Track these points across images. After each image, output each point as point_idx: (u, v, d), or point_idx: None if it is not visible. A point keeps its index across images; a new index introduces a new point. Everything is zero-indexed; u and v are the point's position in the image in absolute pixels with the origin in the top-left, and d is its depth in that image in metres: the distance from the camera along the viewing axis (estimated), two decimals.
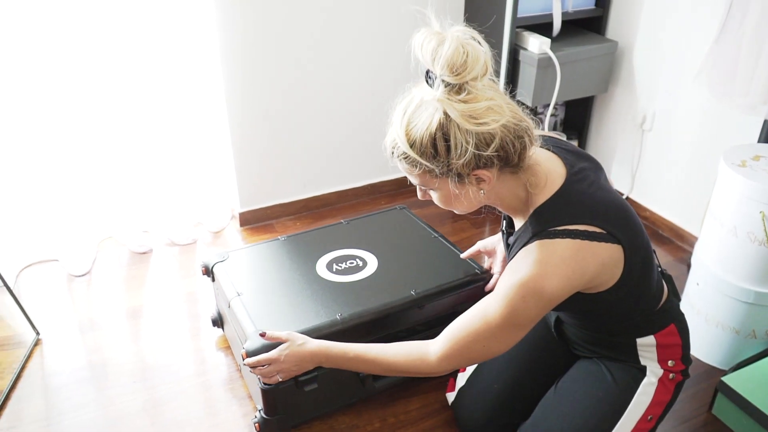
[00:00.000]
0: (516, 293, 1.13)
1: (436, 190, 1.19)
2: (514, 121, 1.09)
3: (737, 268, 1.74)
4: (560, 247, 1.12)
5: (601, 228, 1.13)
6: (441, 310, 1.70)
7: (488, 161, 1.09)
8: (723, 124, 2.17)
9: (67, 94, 2.05)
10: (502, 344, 1.21)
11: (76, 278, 2.23)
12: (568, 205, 1.16)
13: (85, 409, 1.71)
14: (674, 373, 1.37)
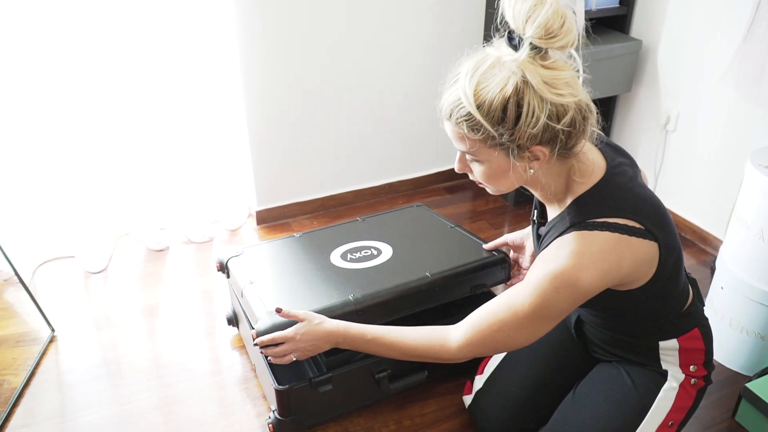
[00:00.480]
0: (549, 284, 1.09)
1: (483, 162, 1.13)
2: (586, 101, 1.07)
3: (763, 272, 1.69)
4: (599, 239, 1.09)
5: (639, 223, 1.10)
6: (457, 292, 1.66)
7: (552, 137, 1.05)
8: (749, 125, 2.12)
9: (87, 91, 2.05)
10: (527, 336, 1.17)
11: (92, 275, 2.23)
12: (609, 198, 1.13)
13: (100, 406, 1.71)
14: (696, 379, 1.33)
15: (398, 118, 2.60)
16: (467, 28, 2.54)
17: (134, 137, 2.19)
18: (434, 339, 1.26)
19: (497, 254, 1.72)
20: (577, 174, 1.14)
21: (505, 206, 2.71)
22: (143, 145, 2.22)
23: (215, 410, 1.70)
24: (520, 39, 1.02)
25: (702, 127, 2.30)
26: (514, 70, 1.01)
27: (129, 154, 2.22)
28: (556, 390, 1.47)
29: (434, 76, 2.21)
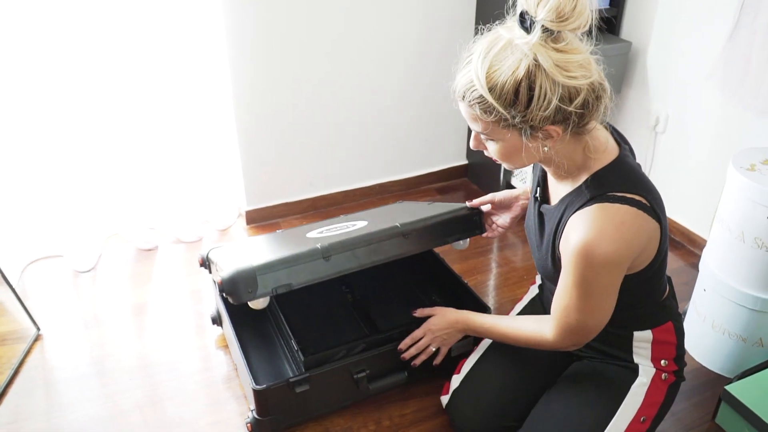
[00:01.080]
0: (580, 259, 1.13)
1: (498, 141, 1.16)
2: (599, 81, 1.08)
3: (744, 275, 1.69)
4: (621, 211, 1.11)
5: (649, 203, 1.14)
6: (430, 242, 1.65)
7: (565, 117, 1.08)
8: (737, 127, 2.11)
9: (76, 91, 2.06)
10: (596, 316, 1.21)
11: (81, 274, 2.25)
12: (626, 175, 1.17)
13: (85, 404, 1.72)
14: (667, 373, 1.36)
15: (388, 119, 2.61)
16: (456, 33, 2.54)
17: (124, 136, 2.20)
18: (536, 332, 1.34)
19: (467, 205, 1.71)
20: (592, 150, 1.17)
21: None
22: (133, 144, 2.23)
23: (199, 408, 1.72)
24: (532, 21, 1.03)
25: (691, 128, 2.29)
26: (526, 53, 1.03)
27: (119, 153, 2.23)
28: (532, 388, 1.48)
29: (424, 77, 2.23)
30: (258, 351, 1.80)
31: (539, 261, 1.37)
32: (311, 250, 1.49)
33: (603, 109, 1.12)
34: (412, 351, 1.60)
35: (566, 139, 1.13)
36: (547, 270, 1.33)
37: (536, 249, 1.38)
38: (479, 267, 2.33)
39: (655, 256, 1.21)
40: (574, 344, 1.29)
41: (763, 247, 1.63)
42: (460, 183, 2.91)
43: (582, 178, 1.19)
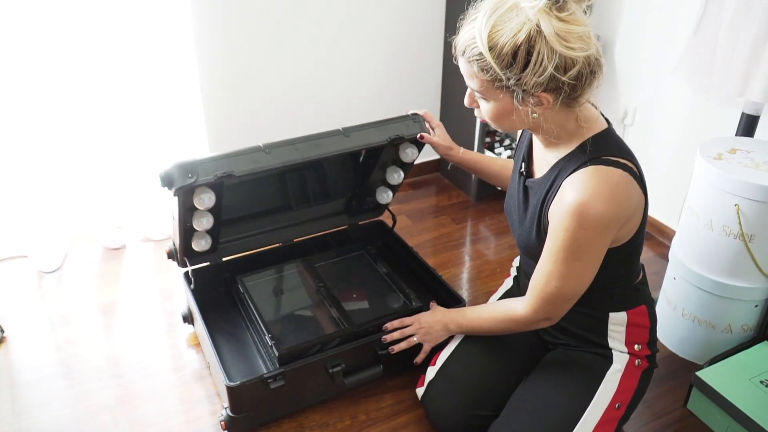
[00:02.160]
0: (573, 218, 1.14)
1: (490, 102, 1.19)
2: (596, 56, 1.11)
3: (713, 263, 1.72)
4: (615, 174, 1.15)
5: (639, 173, 1.20)
6: (372, 138, 1.64)
7: (558, 87, 1.10)
8: (704, 118, 2.15)
9: (38, 87, 2.01)
10: (574, 284, 1.23)
11: (46, 275, 2.19)
12: (619, 143, 1.22)
13: (53, 405, 1.68)
14: (640, 359, 1.38)
15: (361, 114, 2.60)
16: (428, 28, 2.55)
17: (89, 133, 2.16)
18: (506, 310, 1.38)
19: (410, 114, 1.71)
20: (583, 120, 1.20)
21: (468, 201, 2.71)
22: (99, 140, 2.18)
23: (171, 408, 1.68)
24: None
25: (658, 120, 2.33)
26: (530, 18, 1.05)
27: (84, 150, 2.18)
28: (507, 378, 1.48)
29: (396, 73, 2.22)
30: (230, 348, 1.77)
31: (521, 237, 1.37)
32: (253, 146, 1.50)
33: (596, 85, 1.14)
34: (395, 335, 1.61)
35: (556, 108, 1.16)
36: (530, 244, 1.33)
37: (518, 225, 1.38)
38: (452, 260, 2.33)
39: (638, 230, 1.25)
40: (548, 317, 1.31)
41: (731, 234, 1.65)
42: (433, 178, 2.91)
43: (573, 145, 1.22)
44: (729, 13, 1.74)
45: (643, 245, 1.33)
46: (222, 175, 1.43)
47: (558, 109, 1.17)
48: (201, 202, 1.52)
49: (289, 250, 2.01)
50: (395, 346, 1.61)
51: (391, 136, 1.65)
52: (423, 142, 1.68)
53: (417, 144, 1.74)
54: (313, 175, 1.95)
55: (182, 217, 1.60)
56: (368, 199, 2.01)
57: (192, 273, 1.84)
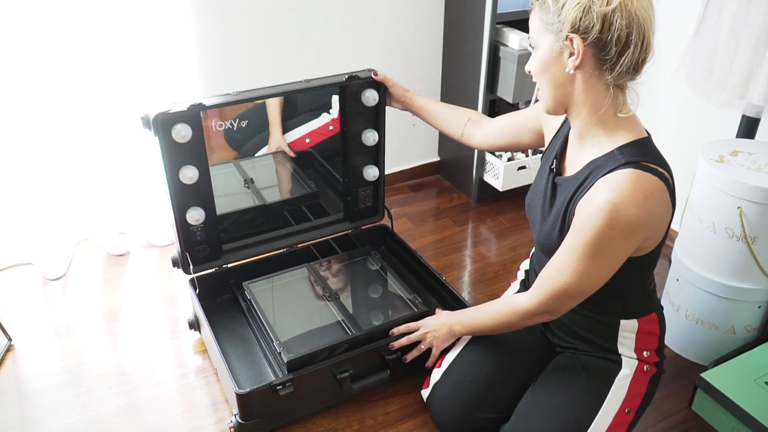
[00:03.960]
0: (603, 217, 1.13)
1: (537, 49, 1.20)
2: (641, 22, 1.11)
3: (716, 264, 1.73)
4: (652, 182, 1.14)
5: (672, 181, 1.21)
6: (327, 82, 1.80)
7: (589, 29, 1.10)
8: (703, 120, 2.16)
9: (41, 94, 2.01)
10: (585, 282, 1.22)
11: (51, 282, 2.19)
12: (658, 153, 1.22)
13: (61, 414, 1.69)
14: (649, 365, 1.39)
15: None
16: (425, 27, 2.56)
17: (92, 140, 2.16)
18: (508, 303, 1.39)
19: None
20: (621, 109, 1.19)
21: (469, 203, 2.72)
22: (101, 148, 2.19)
23: (178, 415, 1.69)
24: None
25: (659, 122, 2.34)
26: None
27: (87, 157, 2.18)
28: (513, 380, 1.49)
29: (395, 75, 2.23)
30: (237, 354, 1.78)
31: (542, 234, 1.37)
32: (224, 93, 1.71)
33: (631, 58, 1.13)
34: (403, 341, 1.62)
35: (595, 81, 1.16)
36: (551, 241, 1.33)
37: (539, 222, 1.38)
38: (455, 263, 2.34)
39: (660, 242, 1.25)
40: (549, 310, 1.31)
41: (734, 236, 1.67)
42: (433, 180, 2.92)
43: (612, 145, 1.20)
44: (729, 17, 1.75)
45: (659, 258, 1.32)
46: (194, 104, 1.61)
47: (592, 78, 1.16)
48: (178, 134, 1.62)
49: (294, 255, 2.02)
50: (408, 355, 1.63)
51: (349, 80, 1.79)
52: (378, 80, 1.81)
53: (377, 89, 1.85)
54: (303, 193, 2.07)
55: (168, 167, 1.68)
56: (361, 191, 2.04)
57: (197, 279, 1.85)
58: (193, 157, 1.70)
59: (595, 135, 1.24)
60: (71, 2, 1.92)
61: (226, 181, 1.94)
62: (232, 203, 1.96)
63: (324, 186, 2.10)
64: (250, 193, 2.00)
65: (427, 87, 2.71)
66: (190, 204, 1.75)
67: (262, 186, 2.04)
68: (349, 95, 1.86)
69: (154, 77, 2.12)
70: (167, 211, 1.77)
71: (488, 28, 2.33)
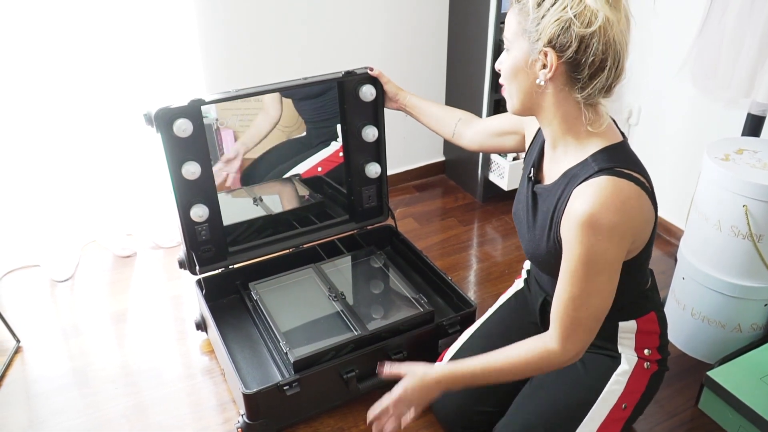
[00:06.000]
0: (586, 229, 1.11)
1: (510, 51, 1.17)
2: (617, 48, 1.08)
3: (722, 263, 1.73)
4: (627, 187, 1.12)
5: (651, 189, 1.18)
6: (325, 79, 1.84)
7: (565, 47, 1.07)
8: (709, 118, 2.16)
9: (49, 97, 2.03)
10: (601, 300, 1.18)
11: (58, 284, 2.21)
12: (633, 157, 1.19)
13: (68, 415, 1.70)
14: (649, 362, 1.38)
15: None
16: (430, 27, 2.56)
17: (99, 142, 2.17)
18: (537, 349, 1.23)
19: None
20: (591, 123, 1.17)
21: (474, 203, 2.73)
22: (108, 150, 2.20)
23: (185, 415, 1.70)
24: None
25: (664, 120, 2.34)
26: None
27: (94, 159, 2.20)
28: None
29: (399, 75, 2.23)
30: (244, 355, 1.79)
31: (530, 244, 1.34)
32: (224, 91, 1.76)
33: (603, 82, 1.10)
34: (384, 425, 1.32)
35: (565, 95, 1.14)
36: (539, 252, 1.30)
37: (526, 231, 1.35)
38: (461, 263, 2.34)
39: (647, 245, 1.23)
40: (583, 343, 1.21)
41: (740, 235, 1.66)
42: (438, 180, 2.92)
43: (586, 153, 1.18)
44: (733, 15, 1.75)
45: (651, 253, 1.29)
46: (195, 100, 1.65)
47: (568, 97, 1.14)
48: (179, 129, 1.64)
49: (300, 256, 2.02)
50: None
51: (346, 76, 1.83)
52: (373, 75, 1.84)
53: (373, 84, 1.87)
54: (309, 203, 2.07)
55: (171, 163, 1.70)
56: (365, 190, 2.06)
57: (204, 280, 1.86)
58: (195, 153, 1.71)
59: (567, 144, 1.22)
60: (81, 11, 1.93)
61: (236, 200, 1.97)
62: (240, 215, 1.98)
63: (329, 198, 2.11)
64: (258, 208, 2.01)
65: (432, 87, 2.72)
66: (193, 201, 1.77)
67: (271, 202, 2.05)
68: (347, 91, 1.87)
69: (159, 80, 2.13)
70: (173, 211, 1.78)
71: (492, 28, 2.33)
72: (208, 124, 1.76)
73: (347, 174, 2.01)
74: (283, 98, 1.91)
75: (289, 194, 2.06)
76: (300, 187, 2.06)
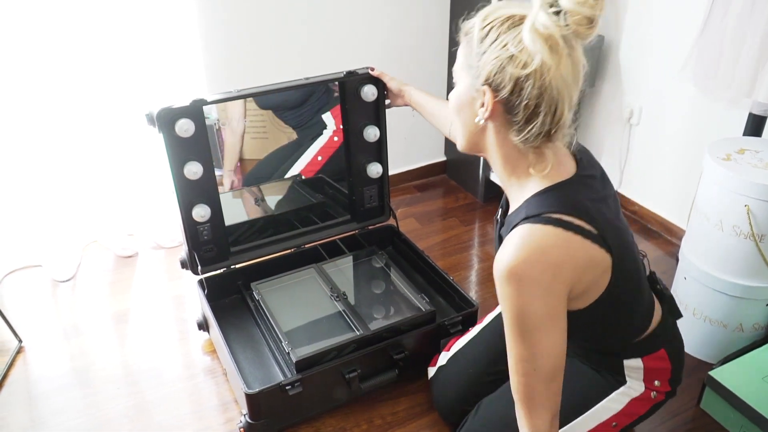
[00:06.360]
0: (506, 286, 1.02)
1: (457, 85, 1.11)
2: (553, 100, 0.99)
3: (723, 262, 1.73)
4: (542, 232, 1.02)
5: (596, 230, 1.04)
6: (326, 79, 1.85)
7: (499, 88, 1.00)
8: (710, 118, 2.16)
9: (50, 97, 2.03)
10: (545, 358, 1.06)
11: (60, 284, 2.21)
12: (573, 197, 1.07)
13: (70, 415, 1.70)
14: (657, 392, 1.32)
15: None
16: (431, 25, 2.56)
17: (100, 142, 2.17)
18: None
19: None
20: (534, 167, 1.08)
21: (475, 203, 2.73)
22: (109, 150, 2.20)
23: (187, 415, 1.70)
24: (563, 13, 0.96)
25: (665, 120, 2.34)
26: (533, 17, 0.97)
27: (95, 160, 2.20)
28: None
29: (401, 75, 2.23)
30: (246, 355, 1.79)
31: None
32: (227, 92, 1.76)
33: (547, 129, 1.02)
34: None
35: (507, 138, 1.07)
36: None
37: None
38: (462, 263, 2.34)
39: (607, 291, 1.10)
40: (550, 412, 1.11)
41: (742, 234, 1.66)
42: (439, 180, 2.92)
43: (523, 197, 1.11)
44: (734, 15, 1.75)
45: (634, 304, 1.18)
46: (197, 100, 1.66)
47: (502, 133, 1.07)
48: (181, 129, 1.64)
49: (301, 256, 2.02)
50: None
51: (347, 77, 1.84)
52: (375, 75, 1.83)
53: (375, 84, 1.87)
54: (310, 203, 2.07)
55: (173, 163, 1.70)
56: (366, 190, 2.06)
57: (205, 280, 1.86)
58: (197, 153, 1.71)
59: (512, 186, 1.14)
60: (82, 11, 1.94)
61: (238, 200, 1.98)
62: (242, 215, 1.98)
63: (331, 198, 2.11)
64: (260, 209, 2.01)
65: (433, 87, 2.71)
66: (195, 201, 1.76)
67: (272, 202, 2.06)
68: (348, 91, 1.87)
69: (161, 80, 2.13)
70: (175, 211, 1.78)
71: None
72: (209, 124, 1.77)
73: (349, 174, 2.01)
74: (263, 108, 1.90)
75: (291, 194, 2.06)
76: (301, 187, 2.06)
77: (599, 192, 1.13)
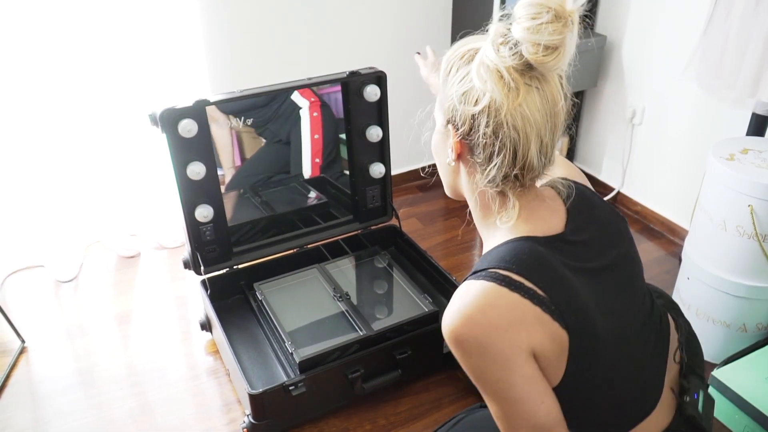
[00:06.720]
0: (454, 352, 0.91)
1: (436, 125, 1.02)
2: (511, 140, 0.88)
3: (727, 263, 1.73)
4: (484, 290, 0.87)
5: (549, 298, 0.88)
6: (329, 79, 1.86)
7: (458, 126, 0.93)
8: (713, 118, 2.16)
9: (53, 98, 2.03)
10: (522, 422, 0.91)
11: (63, 284, 2.21)
12: (530, 255, 0.91)
13: (73, 416, 1.70)
14: None
15: None
16: (434, 25, 2.56)
17: (103, 143, 2.17)
18: None
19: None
20: (500, 216, 0.96)
21: None
22: (112, 150, 2.20)
23: (190, 416, 1.70)
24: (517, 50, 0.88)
25: (667, 120, 2.34)
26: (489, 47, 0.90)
27: (97, 160, 2.20)
28: None
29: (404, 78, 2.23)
30: (249, 355, 1.79)
31: None
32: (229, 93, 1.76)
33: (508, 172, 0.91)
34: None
35: (469, 170, 0.97)
36: None
37: None
38: (464, 263, 2.34)
39: (568, 373, 0.91)
40: None
41: (745, 234, 1.66)
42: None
43: (484, 250, 1.00)
44: (738, 15, 1.75)
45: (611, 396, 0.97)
46: (200, 100, 1.66)
47: (471, 175, 0.97)
48: (184, 129, 1.64)
49: (304, 256, 2.03)
50: None
51: (349, 77, 1.84)
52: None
53: (378, 84, 1.89)
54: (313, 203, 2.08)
55: (176, 163, 1.70)
56: (369, 190, 2.06)
57: (208, 280, 1.86)
58: (200, 154, 1.71)
59: (484, 234, 1.03)
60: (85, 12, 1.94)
61: (240, 200, 1.98)
62: (244, 215, 1.98)
63: (333, 198, 2.11)
64: (262, 209, 2.01)
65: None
66: (198, 201, 1.77)
67: (275, 202, 2.05)
68: (352, 91, 1.88)
69: (164, 80, 2.13)
70: (177, 211, 1.79)
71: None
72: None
73: (351, 174, 2.01)
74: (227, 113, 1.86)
75: (293, 194, 2.06)
76: (304, 188, 2.06)
77: (583, 262, 0.96)
